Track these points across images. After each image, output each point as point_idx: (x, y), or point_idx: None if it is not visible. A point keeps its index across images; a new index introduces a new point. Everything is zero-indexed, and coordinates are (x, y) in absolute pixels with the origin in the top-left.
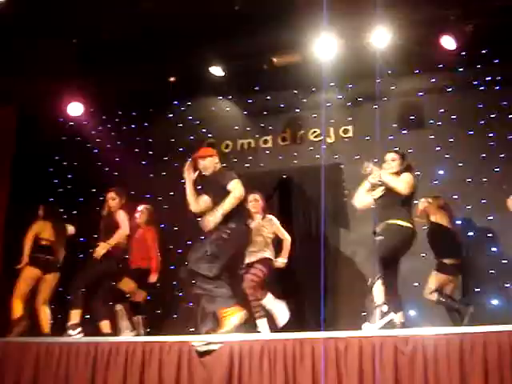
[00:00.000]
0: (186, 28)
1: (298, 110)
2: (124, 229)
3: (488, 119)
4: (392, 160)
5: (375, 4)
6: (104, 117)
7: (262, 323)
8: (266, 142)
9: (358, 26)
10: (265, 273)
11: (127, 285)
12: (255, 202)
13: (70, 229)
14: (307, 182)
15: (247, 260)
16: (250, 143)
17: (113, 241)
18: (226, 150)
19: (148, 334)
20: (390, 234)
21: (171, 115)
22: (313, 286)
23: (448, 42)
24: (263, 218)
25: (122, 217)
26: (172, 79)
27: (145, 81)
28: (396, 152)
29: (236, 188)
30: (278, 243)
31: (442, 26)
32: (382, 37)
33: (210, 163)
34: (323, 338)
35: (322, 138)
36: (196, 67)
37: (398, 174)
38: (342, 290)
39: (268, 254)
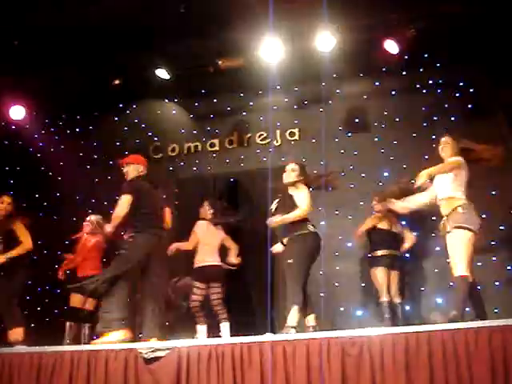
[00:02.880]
0: (131, 30)
1: (244, 113)
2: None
3: (431, 121)
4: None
5: (320, 8)
6: (47, 120)
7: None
8: (212, 145)
9: (303, 29)
10: None
11: (76, 300)
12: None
13: None
14: (254, 185)
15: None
16: (196, 146)
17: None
18: (173, 154)
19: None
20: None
21: (116, 118)
22: (260, 289)
23: (391, 46)
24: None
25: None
26: (117, 82)
27: (89, 83)
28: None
29: None
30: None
31: (385, 30)
32: (326, 40)
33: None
34: (271, 341)
35: (269, 141)
36: (141, 70)
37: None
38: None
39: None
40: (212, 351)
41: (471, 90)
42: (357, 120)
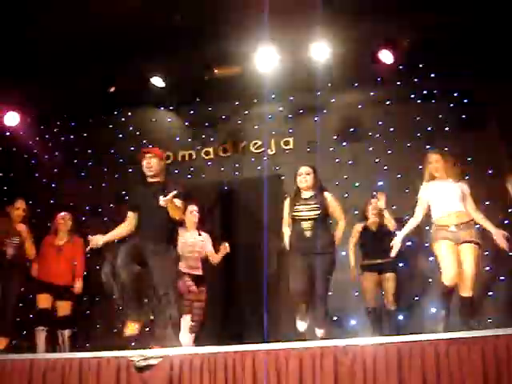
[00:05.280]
0: (126, 38)
1: (239, 122)
2: None
3: (425, 132)
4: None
5: (315, 18)
6: (42, 127)
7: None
8: (207, 153)
9: (299, 38)
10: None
11: (45, 301)
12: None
13: None
14: (249, 194)
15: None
16: (191, 154)
17: None
18: (167, 162)
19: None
20: None
21: (111, 126)
22: (254, 297)
23: (386, 56)
24: (199, 234)
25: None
26: (112, 89)
27: (84, 90)
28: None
29: None
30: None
31: (379, 40)
32: (321, 50)
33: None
34: (264, 349)
35: (264, 149)
36: (137, 77)
37: None
38: (284, 301)
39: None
40: (205, 360)
41: (466, 101)
42: (351, 129)
